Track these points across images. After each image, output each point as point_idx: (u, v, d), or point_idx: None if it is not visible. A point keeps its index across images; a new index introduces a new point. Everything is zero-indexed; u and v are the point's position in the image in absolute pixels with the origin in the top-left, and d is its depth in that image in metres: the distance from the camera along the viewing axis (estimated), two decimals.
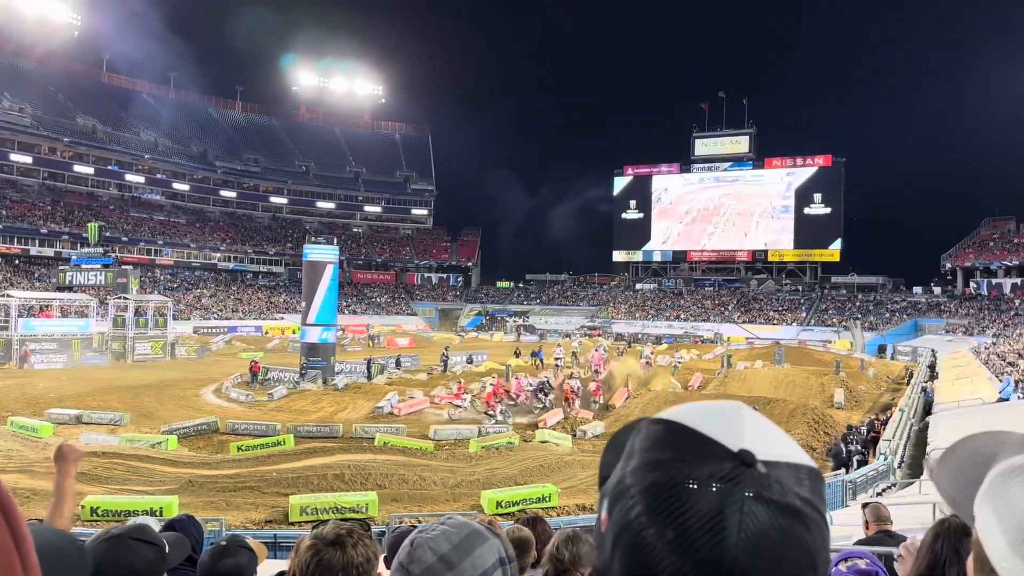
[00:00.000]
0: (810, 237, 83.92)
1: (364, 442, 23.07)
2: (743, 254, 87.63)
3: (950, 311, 67.50)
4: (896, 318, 69.06)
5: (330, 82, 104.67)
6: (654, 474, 0.69)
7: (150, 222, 78.42)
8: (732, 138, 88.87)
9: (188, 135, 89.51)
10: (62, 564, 1.29)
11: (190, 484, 17.52)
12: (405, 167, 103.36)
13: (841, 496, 15.79)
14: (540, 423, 26.77)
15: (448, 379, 38.21)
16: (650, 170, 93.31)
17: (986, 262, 70.54)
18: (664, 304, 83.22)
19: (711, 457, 0.68)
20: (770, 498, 0.67)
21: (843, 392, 32.83)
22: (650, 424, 0.74)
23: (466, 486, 18.40)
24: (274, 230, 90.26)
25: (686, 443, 0.70)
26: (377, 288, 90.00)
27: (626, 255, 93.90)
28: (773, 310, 77.17)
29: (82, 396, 29.90)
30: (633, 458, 0.72)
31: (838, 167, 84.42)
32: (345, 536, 1.83)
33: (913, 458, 19.95)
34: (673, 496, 0.67)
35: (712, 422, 0.72)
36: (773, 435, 0.73)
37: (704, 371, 41.40)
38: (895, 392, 35.54)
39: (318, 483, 17.72)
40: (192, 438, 23.84)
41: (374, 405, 29.38)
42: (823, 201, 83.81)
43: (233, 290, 77.07)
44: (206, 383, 35.08)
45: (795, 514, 0.67)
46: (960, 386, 29.47)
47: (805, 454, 0.74)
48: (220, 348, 53.56)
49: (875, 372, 42.74)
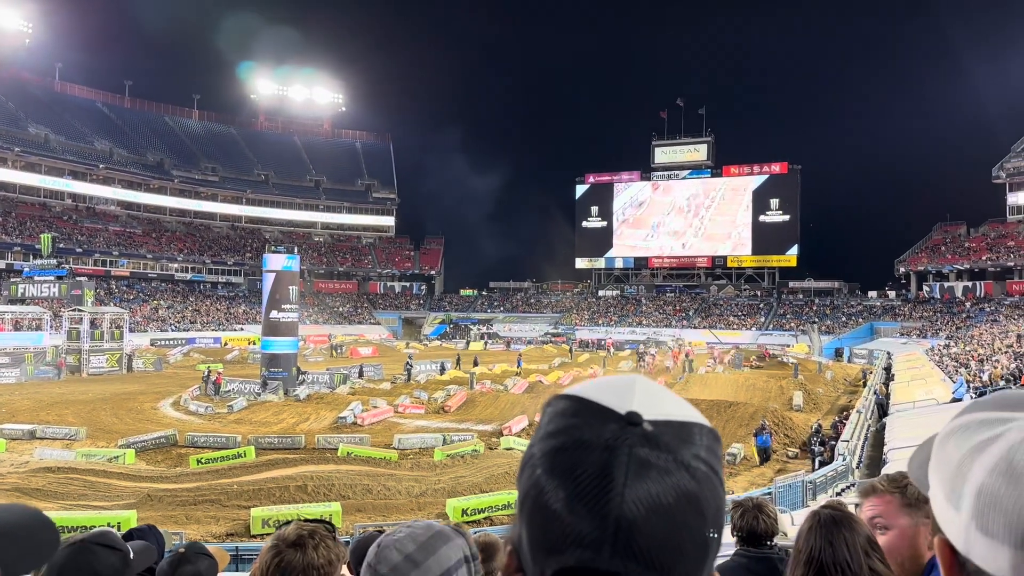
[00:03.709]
0: (768, 243, 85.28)
1: (327, 453, 22.89)
2: (703, 260, 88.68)
3: (904, 314, 68.99)
4: (852, 322, 70.40)
5: (289, 90, 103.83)
6: (553, 440, 0.74)
7: (105, 233, 76.83)
8: (691, 146, 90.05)
9: (144, 144, 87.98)
10: (31, 540, 1.27)
11: (149, 498, 17.17)
12: (367, 175, 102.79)
13: (802, 496, 16.04)
14: (505, 430, 26.74)
15: (412, 388, 38.07)
16: (611, 178, 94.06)
17: (938, 266, 72.23)
18: (626, 311, 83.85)
19: (602, 421, 0.73)
20: (654, 452, 0.71)
21: (802, 395, 33.35)
22: (556, 400, 0.79)
23: (431, 495, 18.31)
24: (233, 240, 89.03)
25: (583, 411, 0.75)
26: (339, 297, 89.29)
27: (589, 262, 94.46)
28: (733, 315, 78.17)
29: (36, 411, 29.25)
30: (540, 430, 0.77)
31: (794, 174, 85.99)
32: (307, 537, 1.81)
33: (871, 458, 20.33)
34: (566, 457, 0.71)
35: (607, 392, 0.77)
36: (664, 399, 0.78)
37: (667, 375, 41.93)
38: (852, 394, 36.21)
39: (280, 495, 17.51)
40: (150, 452, 23.43)
41: (337, 415, 29.11)
42: (780, 208, 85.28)
43: (191, 301, 75.84)
44: (164, 396, 34.49)
45: (680, 466, 0.71)
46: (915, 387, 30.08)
47: (699, 415, 0.78)
48: (178, 360, 52.62)
49: (832, 375, 43.49)
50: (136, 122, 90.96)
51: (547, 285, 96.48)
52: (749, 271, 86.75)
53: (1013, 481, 0.71)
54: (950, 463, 0.79)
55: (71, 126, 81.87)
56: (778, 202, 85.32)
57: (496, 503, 16.80)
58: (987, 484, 0.73)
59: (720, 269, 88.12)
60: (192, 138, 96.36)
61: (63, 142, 78.63)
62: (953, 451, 0.79)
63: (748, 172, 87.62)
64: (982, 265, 68.85)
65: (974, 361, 33.73)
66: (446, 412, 31.68)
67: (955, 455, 0.79)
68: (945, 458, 0.80)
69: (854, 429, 21.86)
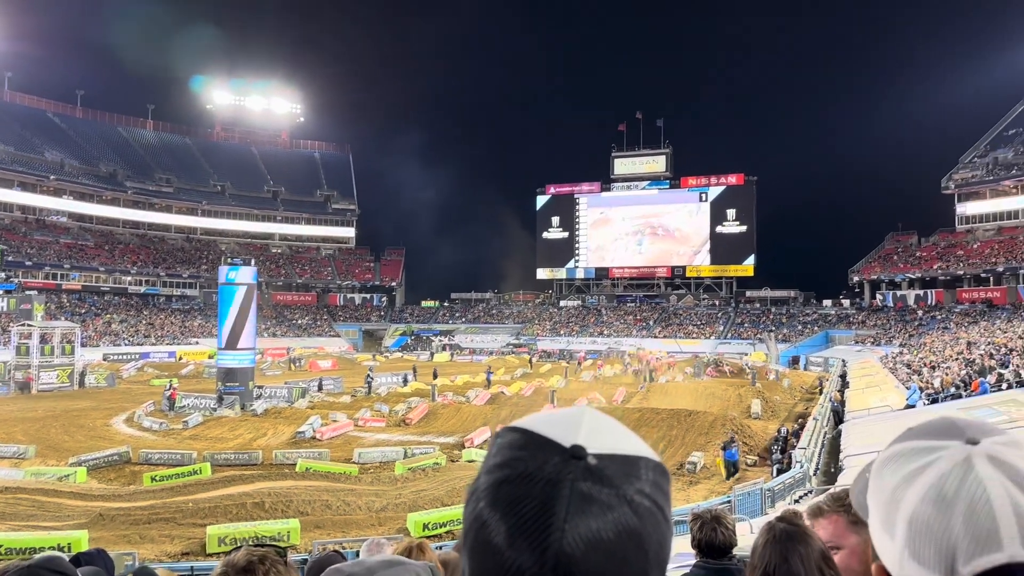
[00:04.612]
0: (725, 253, 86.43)
1: (285, 468, 22.56)
2: (662, 270, 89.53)
3: (858, 322, 70.37)
4: (808, 330, 71.58)
5: (246, 100, 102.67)
6: (497, 472, 0.74)
7: (56, 245, 74.98)
8: (649, 158, 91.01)
9: (97, 155, 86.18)
10: None
11: (101, 518, 16.72)
12: (326, 186, 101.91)
13: (760, 504, 16.19)
14: (467, 442, 26.63)
15: (372, 401, 37.75)
16: (571, 189, 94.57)
17: (891, 275, 73.83)
18: (588, 320, 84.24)
19: (547, 454, 0.73)
20: (597, 487, 0.70)
21: (760, 403, 33.75)
22: (504, 431, 0.79)
23: (392, 509, 18.12)
24: (188, 252, 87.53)
25: (529, 443, 0.75)
26: (298, 310, 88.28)
27: (550, 273, 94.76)
28: (692, 324, 78.96)
29: None
30: (487, 461, 0.77)
31: (750, 185, 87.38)
32: (257, 563, 1.75)
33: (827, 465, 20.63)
34: (509, 490, 0.71)
35: (553, 425, 0.77)
36: (611, 432, 0.78)
37: (628, 385, 42.14)
38: (809, 402, 36.75)
39: (237, 512, 17.17)
40: (103, 470, 22.90)
41: (295, 430, 28.76)
42: (737, 218, 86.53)
43: (145, 315, 74.33)
44: (117, 412, 33.74)
45: (623, 501, 0.71)
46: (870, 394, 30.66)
47: (647, 449, 0.78)
48: (132, 375, 51.53)
49: (789, 383, 44.12)
50: (89, 132, 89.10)
51: (509, 296, 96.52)
52: (708, 281, 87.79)
53: (943, 509, 0.73)
54: (885, 491, 0.81)
55: (20, 136, 79.85)
56: (735, 212, 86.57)
57: (458, 517, 16.66)
58: (919, 512, 0.75)
59: (679, 279, 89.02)
60: (146, 149, 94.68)
61: (12, 153, 76.62)
62: (888, 479, 0.81)
63: (706, 183, 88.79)
64: (933, 274, 70.55)
65: (926, 368, 34.47)
66: (407, 425, 31.48)
67: (890, 483, 0.81)
68: (881, 486, 0.83)
69: (811, 436, 22.16)
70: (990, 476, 0.76)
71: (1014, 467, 0.77)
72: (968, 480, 0.76)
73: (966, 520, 0.73)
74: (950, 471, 0.76)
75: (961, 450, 0.79)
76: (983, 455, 0.78)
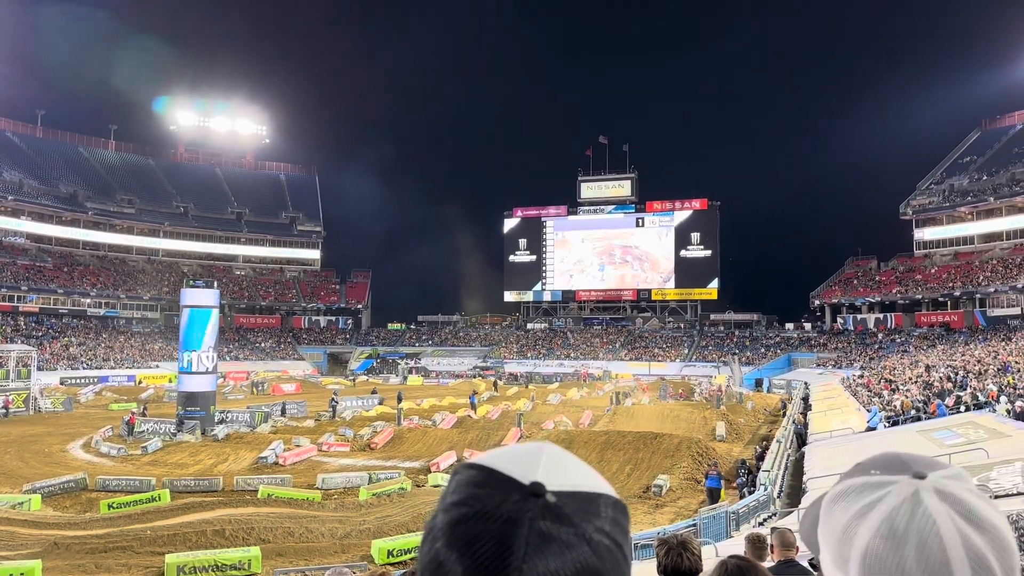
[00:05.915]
0: (690, 277, 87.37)
1: (247, 495, 22.19)
2: (628, 293, 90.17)
3: (820, 345, 71.41)
4: (771, 353, 72.47)
5: (211, 121, 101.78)
6: (455, 511, 0.72)
7: (13, 267, 73.32)
8: (615, 182, 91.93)
9: (56, 175, 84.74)
10: None
11: (55, 546, 16.26)
12: (291, 208, 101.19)
13: (725, 527, 16.26)
14: (433, 466, 26.42)
15: (337, 425, 37.32)
16: (538, 212, 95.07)
17: (851, 299, 75.13)
18: (555, 343, 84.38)
19: (505, 491, 0.72)
20: (556, 525, 0.70)
21: (724, 425, 34.01)
22: (462, 468, 0.78)
23: (356, 536, 17.88)
24: (149, 274, 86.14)
25: (487, 480, 0.74)
26: (261, 333, 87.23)
27: (517, 295, 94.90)
28: (658, 347, 79.49)
29: None
30: (444, 499, 0.76)
31: (714, 210, 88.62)
32: None
33: (791, 487, 20.80)
34: (467, 529, 0.70)
35: (512, 461, 0.76)
36: (571, 469, 0.77)
37: (594, 408, 42.17)
38: (772, 424, 37.11)
39: (196, 540, 16.81)
40: (58, 496, 22.35)
41: (257, 455, 28.34)
42: (701, 242, 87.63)
43: (104, 338, 72.87)
44: (74, 437, 33.00)
45: (582, 540, 0.70)
46: (832, 417, 31.06)
47: (606, 485, 0.77)
48: (89, 399, 50.38)
49: (753, 405, 44.54)
50: (49, 153, 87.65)
51: (476, 318, 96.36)
52: (673, 304, 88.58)
53: (895, 544, 0.76)
54: (836, 526, 0.83)
55: None
56: (699, 236, 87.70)
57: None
58: (871, 547, 0.77)
59: (645, 302, 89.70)
60: (108, 169, 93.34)
61: None
62: (839, 515, 0.83)
63: (670, 208, 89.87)
64: (892, 298, 71.92)
65: (886, 391, 35.02)
66: (372, 449, 31.17)
67: (841, 519, 0.82)
68: (832, 521, 0.84)
69: (775, 459, 22.35)
70: (938, 510, 0.78)
71: (960, 500, 0.79)
72: (917, 514, 0.78)
73: (918, 554, 0.75)
74: (899, 506, 0.78)
75: (909, 484, 0.81)
76: (930, 489, 0.80)
